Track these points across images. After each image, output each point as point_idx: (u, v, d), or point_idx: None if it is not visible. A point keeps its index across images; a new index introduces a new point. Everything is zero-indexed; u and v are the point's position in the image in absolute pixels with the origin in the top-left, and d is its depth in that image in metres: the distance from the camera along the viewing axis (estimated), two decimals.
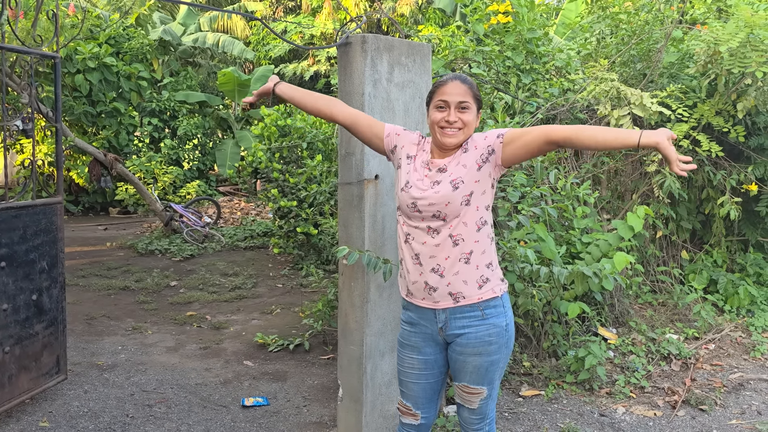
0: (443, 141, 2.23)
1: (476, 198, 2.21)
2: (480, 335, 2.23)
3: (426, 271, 2.23)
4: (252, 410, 3.86)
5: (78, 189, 12.45)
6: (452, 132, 2.21)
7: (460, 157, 2.25)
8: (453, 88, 2.21)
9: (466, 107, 2.22)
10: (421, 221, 2.23)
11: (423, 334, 2.33)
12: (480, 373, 2.27)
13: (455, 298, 2.22)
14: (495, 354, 2.26)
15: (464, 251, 2.20)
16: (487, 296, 2.23)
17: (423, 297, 2.27)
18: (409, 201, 2.24)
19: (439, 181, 2.21)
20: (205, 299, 6.42)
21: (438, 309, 2.25)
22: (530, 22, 5.09)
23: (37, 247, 3.69)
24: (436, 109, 2.24)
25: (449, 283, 2.21)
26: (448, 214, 2.18)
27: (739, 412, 3.84)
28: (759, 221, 5.71)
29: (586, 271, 3.46)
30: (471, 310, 2.23)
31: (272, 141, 7.45)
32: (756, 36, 4.45)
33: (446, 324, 2.26)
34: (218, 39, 15.64)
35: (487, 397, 2.33)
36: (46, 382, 3.84)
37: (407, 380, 2.41)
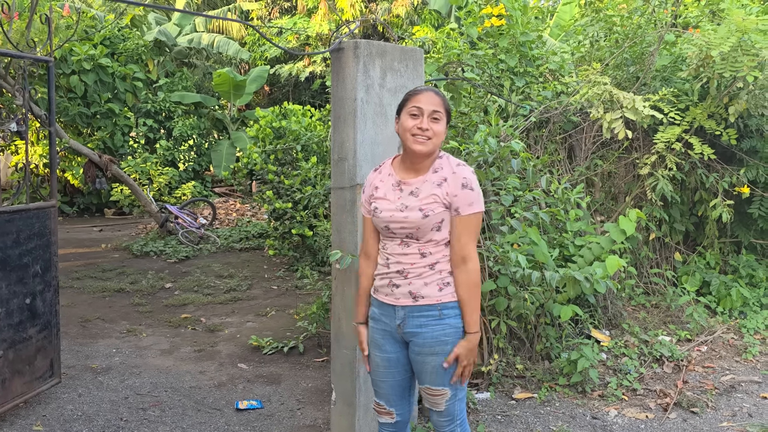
0: (414, 148, 2.28)
1: (446, 224, 2.31)
2: (436, 335, 2.31)
3: (392, 272, 2.35)
4: (246, 413, 3.87)
5: (73, 190, 12.43)
6: (423, 140, 2.27)
7: (430, 178, 2.31)
8: (427, 98, 2.28)
9: (437, 118, 2.29)
10: (395, 238, 2.35)
11: (383, 331, 2.42)
12: (440, 373, 2.33)
13: (414, 297, 2.31)
14: (445, 354, 2.33)
15: (430, 262, 2.32)
16: (446, 299, 2.32)
17: (386, 293, 2.38)
18: (381, 225, 2.36)
19: (408, 206, 2.30)
20: (199, 301, 6.42)
21: (398, 306, 2.35)
22: (524, 26, 5.10)
23: (30, 251, 3.69)
24: (409, 116, 2.29)
25: (411, 284, 2.32)
26: (420, 236, 2.30)
27: (731, 415, 3.87)
28: (751, 223, 5.74)
29: (577, 276, 3.48)
30: (428, 310, 2.31)
31: (267, 143, 7.46)
32: (747, 40, 4.48)
33: (404, 321, 2.34)
34: (213, 40, 15.63)
35: (452, 398, 2.39)
36: (40, 386, 3.84)
37: (377, 378, 2.49)
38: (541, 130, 5.20)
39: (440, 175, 2.31)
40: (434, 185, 2.29)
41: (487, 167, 3.69)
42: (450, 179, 2.29)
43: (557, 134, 5.31)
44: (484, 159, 3.59)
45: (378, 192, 2.40)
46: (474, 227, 2.30)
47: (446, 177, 2.30)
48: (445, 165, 2.33)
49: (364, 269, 2.50)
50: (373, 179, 2.46)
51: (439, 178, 2.30)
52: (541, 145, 5.20)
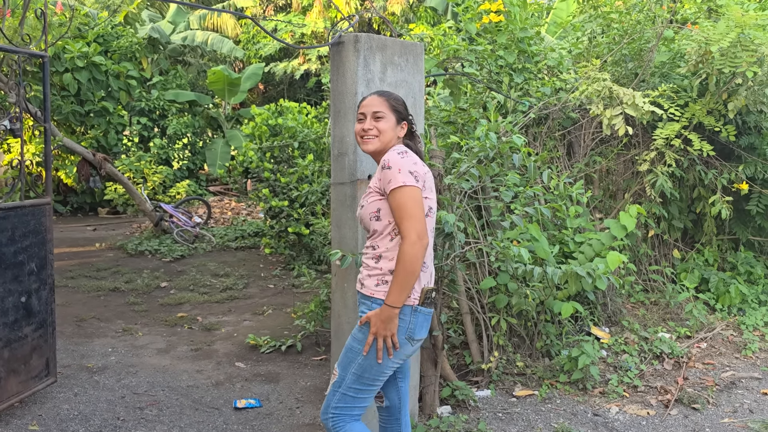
0: (363, 148, 2.45)
1: (385, 214, 2.34)
2: (360, 317, 2.38)
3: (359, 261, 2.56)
4: (244, 412, 3.83)
5: (66, 189, 12.33)
6: (368, 139, 2.42)
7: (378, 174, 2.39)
8: (370, 101, 2.44)
9: (380, 117, 2.41)
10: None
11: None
12: (342, 352, 2.40)
13: (361, 285, 2.42)
14: (357, 342, 2.34)
15: (375, 254, 2.38)
16: (378, 296, 2.33)
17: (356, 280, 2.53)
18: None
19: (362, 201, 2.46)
20: (196, 300, 6.37)
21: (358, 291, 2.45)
22: (522, 21, 5.08)
23: (25, 249, 3.64)
24: (357, 122, 2.47)
25: (361, 272, 2.44)
26: (368, 228, 2.42)
27: (732, 411, 3.86)
28: (749, 220, 5.74)
29: (579, 271, 3.46)
30: (365, 299, 2.38)
31: (263, 140, 7.41)
32: (746, 36, 4.47)
33: (359, 307, 2.44)
34: (208, 37, 15.54)
35: (336, 385, 2.36)
36: (36, 385, 3.79)
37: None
38: (540, 126, 5.18)
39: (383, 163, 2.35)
40: (375, 176, 2.40)
41: (488, 162, 3.67)
42: (379, 166, 2.38)
43: (556, 131, 5.29)
44: (485, 154, 3.56)
45: None
46: (399, 204, 2.25)
47: (384, 165, 2.33)
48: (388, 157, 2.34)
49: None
50: None
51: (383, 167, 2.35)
52: (540, 141, 5.18)
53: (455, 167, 3.69)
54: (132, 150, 12.49)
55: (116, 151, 12.44)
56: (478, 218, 4.31)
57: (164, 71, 14.98)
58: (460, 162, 3.65)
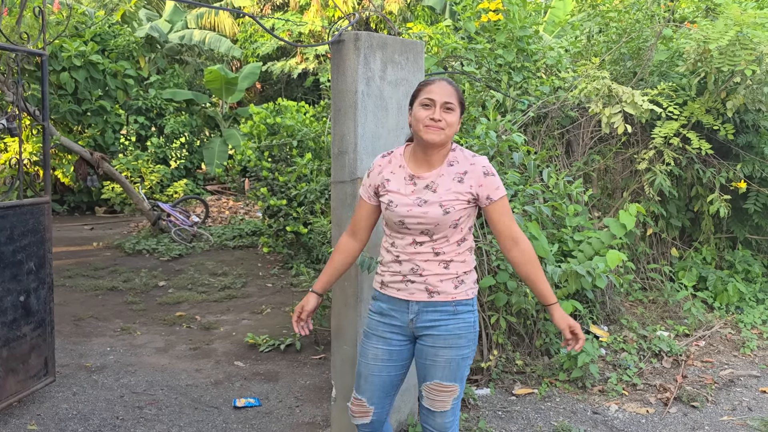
0: (426, 138, 2.23)
1: (463, 222, 2.31)
2: (450, 328, 2.30)
3: (405, 269, 2.31)
4: (244, 411, 3.82)
5: (64, 188, 12.29)
6: (435, 130, 2.22)
7: (447, 172, 2.28)
8: (440, 88, 2.24)
9: (450, 108, 2.24)
10: (407, 235, 2.30)
11: (391, 326, 2.37)
12: (452, 368, 2.31)
13: (430, 293, 2.29)
14: (465, 348, 2.32)
15: (444, 260, 2.30)
16: (461, 297, 2.31)
17: (399, 288, 2.33)
18: (395, 219, 2.29)
19: (426, 200, 2.25)
20: (194, 299, 6.36)
21: (412, 301, 2.31)
22: (521, 20, 5.08)
23: (24, 248, 3.63)
24: (422, 107, 2.25)
25: (426, 280, 2.29)
26: (436, 232, 2.26)
27: (731, 408, 3.87)
28: (747, 219, 5.75)
29: (579, 270, 3.46)
30: (444, 306, 2.30)
31: (261, 139, 7.39)
32: (745, 34, 4.48)
33: (417, 316, 2.31)
34: (205, 36, 15.51)
35: (458, 396, 2.38)
36: (34, 385, 3.78)
37: (367, 372, 2.42)
38: (539, 125, 5.19)
39: (457, 169, 2.28)
40: (453, 180, 2.27)
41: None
42: (470, 172, 2.28)
43: (555, 129, 5.29)
44: (484, 152, 3.56)
45: (390, 185, 2.33)
46: (508, 208, 2.32)
47: (465, 170, 2.28)
48: (461, 158, 2.31)
49: (344, 246, 2.48)
50: (384, 168, 2.39)
51: (456, 173, 2.28)
52: (539, 140, 5.18)
53: None
54: (129, 149, 12.46)
55: (113, 150, 12.41)
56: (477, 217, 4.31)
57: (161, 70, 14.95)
58: None
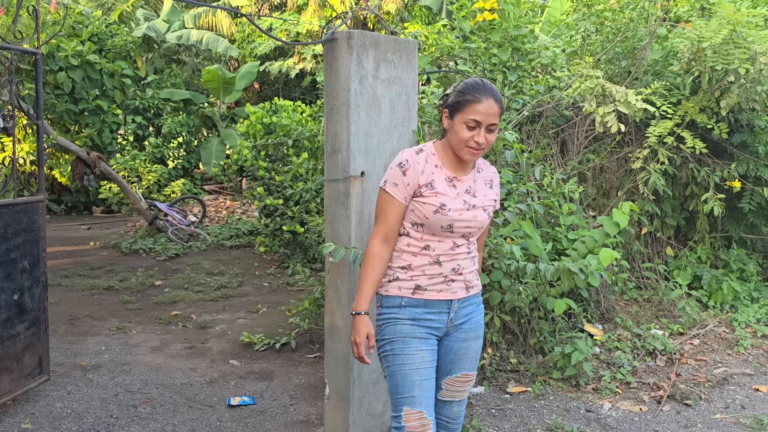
0: (466, 158, 2.22)
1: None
2: (478, 319, 2.41)
3: (446, 270, 2.28)
4: (238, 410, 3.83)
5: (61, 188, 12.29)
6: (477, 152, 2.20)
7: (477, 177, 2.35)
8: (488, 108, 2.14)
9: (493, 129, 2.18)
10: (448, 239, 2.26)
11: (429, 328, 2.28)
12: (477, 357, 2.43)
13: (468, 288, 2.35)
14: (482, 337, 2.47)
15: (472, 254, 2.39)
16: (479, 287, 2.44)
17: (440, 290, 2.28)
18: (446, 223, 2.20)
19: (474, 205, 2.28)
20: (190, 298, 6.36)
21: (454, 299, 2.31)
22: (516, 20, 5.09)
23: (18, 247, 3.63)
24: (466, 128, 2.15)
25: (464, 277, 2.33)
26: (475, 234, 2.34)
27: (724, 407, 3.88)
28: (742, 218, 5.77)
29: (572, 268, 3.47)
30: (475, 297, 2.40)
31: (257, 138, 7.40)
32: (739, 33, 4.49)
33: (456, 314, 2.33)
34: (203, 36, 15.50)
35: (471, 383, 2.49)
36: (29, 383, 3.78)
37: (421, 378, 2.22)
38: (534, 124, 5.19)
39: (485, 176, 2.37)
40: (485, 186, 2.35)
41: None
42: (494, 180, 2.40)
43: (550, 129, 5.30)
44: None
45: (438, 186, 2.21)
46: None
47: (491, 178, 2.39)
48: (482, 165, 2.40)
49: (382, 254, 2.25)
50: (424, 167, 2.22)
51: (485, 179, 2.37)
52: (534, 139, 5.19)
53: None
54: (127, 149, 12.46)
55: (111, 150, 12.40)
56: None
57: (159, 70, 14.95)
58: None
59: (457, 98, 2.19)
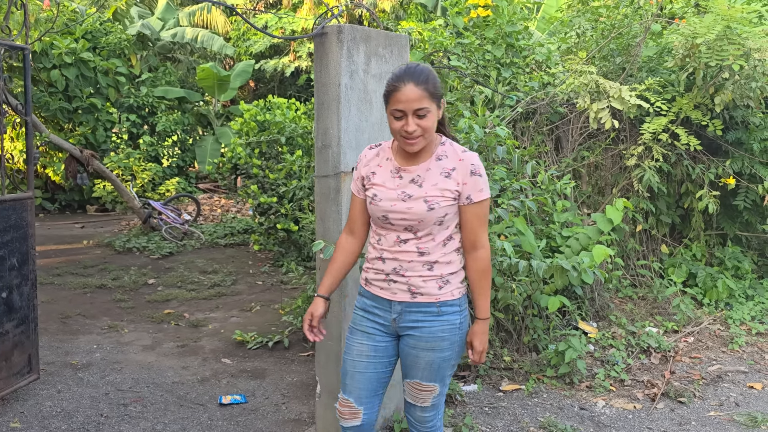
0: (407, 149, 2.15)
1: (450, 220, 2.20)
2: (433, 330, 2.21)
3: (388, 269, 2.23)
4: (229, 408, 3.80)
5: (54, 186, 12.22)
6: (413, 141, 2.11)
7: (434, 166, 2.17)
8: (408, 95, 2.06)
9: (424, 114, 2.07)
10: (391, 231, 2.21)
11: (375, 323, 2.30)
12: (432, 369, 2.25)
13: (413, 294, 2.21)
14: (447, 350, 2.23)
15: (429, 260, 2.20)
16: (445, 297, 2.21)
17: (382, 287, 2.26)
18: (379, 213, 2.20)
19: (411, 195, 2.15)
20: (183, 297, 6.32)
21: (395, 300, 2.24)
22: (510, 16, 5.07)
23: (6, 244, 3.59)
24: (394, 119, 2.12)
25: (409, 280, 2.21)
26: (420, 229, 2.16)
27: (718, 404, 3.86)
28: (736, 215, 5.75)
29: (564, 265, 3.45)
30: (427, 307, 2.21)
31: (251, 136, 7.37)
32: (733, 30, 4.48)
33: (400, 316, 2.24)
34: (197, 34, 15.44)
35: (440, 394, 2.34)
36: (18, 382, 3.74)
37: (354, 370, 2.32)
38: (528, 121, 5.17)
39: (445, 164, 2.16)
40: (440, 176, 2.15)
41: None
42: (458, 168, 2.15)
43: (544, 125, 5.28)
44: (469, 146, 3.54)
45: (376, 178, 2.23)
46: (484, 213, 2.20)
47: (454, 167, 2.16)
48: (450, 153, 2.19)
49: (345, 245, 2.37)
50: (371, 160, 2.28)
51: (443, 168, 2.16)
52: (528, 136, 5.17)
53: None
54: (121, 147, 12.40)
55: (105, 149, 12.34)
56: None
57: (153, 68, 14.88)
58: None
59: (384, 90, 2.16)
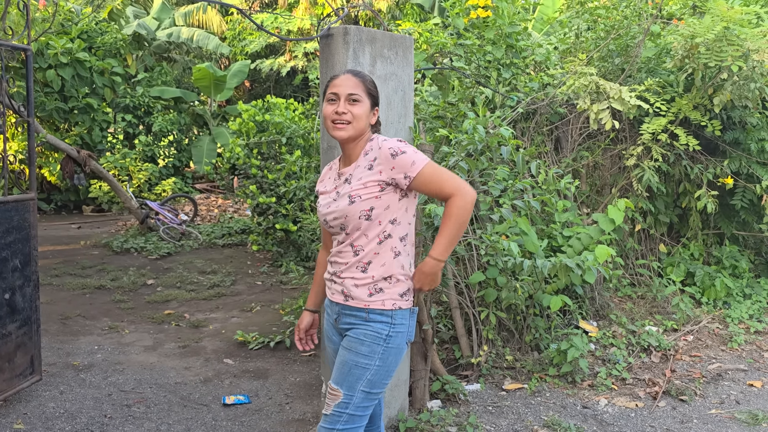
0: (334, 134, 2.19)
1: (378, 213, 2.16)
2: (358, 332, 2.19)
3: (331, 271, 2.30)
4: (233, 408, 3.80)
5: (50, 187, 12.18)
6: (342, 125, 2.17)
7: (362, 163, 2.20)
8: (344, 81, 2.19)
9: (356, 100, 2.17)
10: (335, 235, 2.27)
11: (330, 324, 2.37)
12: (342, 370, 2.18)
13: (345, 297, 2.24)
14: (363, 357, 2.16)
15: (362, 261, 2.19)
16: (375, 306, 2.18)
17: (329, 287, 2.34)
18: (321, 219, 2.28)
19: (340, 193, 2.21)
20: (183, 297, 6.32)
21: (333, 302, 2.30)
22: (510, 17, 5.08)
23: (9, 245, 3.58)
24: (327, 103, 2.21)
25: (343, 283, 2.24)
26: (348, 225, 2.18)
27: (719, 402, 3.89)
28: (734, 215, 5.79)
29: (569, 263, 3.47)
30: (357, 311, 2.21)
31: (250, 136, 7.36)
32: (731, 30, 4.51)
33: (339, 317, 2.28)
34: (193, 34, 15.41)
35: (343, 406, 2.16)
36: (20, 383, 3.74)
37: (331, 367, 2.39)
38: (528, 121, 5.19)
39: (370, 157, 2.18)
40: (365, 169, 2.17)
41: (477, 156, 3.66)
42: (379, 157, 2.15)
43: (544, 126, 5.30)
44: (473, 148, 3.56)
45: (322, 187, 2.35)
46: (432, 176, 2.13)
47: (375, 156, 2.16)
48: (374, 146, 2.19)
49: (321, 260, 2.49)
50: (325, 174, 2.39)
51: (369, 161, 2.17)
52: (528, 136, 5.19)
53: (444, 161, 3.68)
54: (117, 147, 12.36)
55: (101, 149, 12.31)
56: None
57: (149, 68, 14.84)
58: (450, 156, 3.64)
59: (323, 88, 2.26)
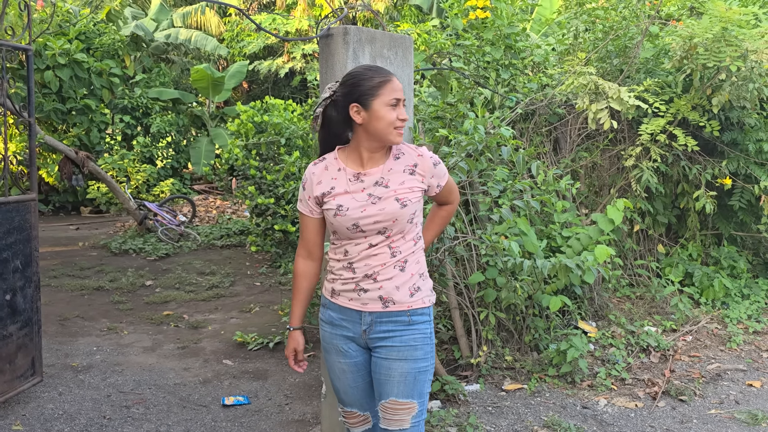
0: (394, 141, 2.11)
1: (417, 216, 2.18)
2: (405, 339, 2.14)
3: (359, 276, 2.15)
4: (233, 409, 3.80)
5: (48, 188, 12.16)
6: (402, 131, 2.12)
7: (395, 166, 2.15)
8: (399, 84, 2.11)
9: (406, 105, 2.23)
10: (361, 239, 2.14)
11: (345, 337, 2.21)
12: (408, 383, 2.13)
13: (385, 303, 2.13)
14: (421, 361, 2.15)
15: (400, 260, 2.14)
16: (417, 305, 2.15)
17: (351, 298, 2.17)
18: (348, 223, 2.11)
19: (380, 197, 2.10)
20: (181, 298, 6.32)
21: (365, 311, 2.15)
22: (509, 17, 5.09)
23: (10, 246, 3.58)
24: (389, 108, 2.08)
25: (381, 287, 2.13)
26: (393, 229, 2.11)
27: (718, 402, 3.90)
28: (732, 215, 5.81)
29: (568, 263, 3.48)
30: (398, 316, 2.14)
31: (249, 137, 7.36)
32: (729, 31, 4.52)
33: (371, 327, 2.15)
34: (191, 35, 15.41)
35: (419, 414, 2.16)
36: (21, 385, 3.73)
37: (344, 386, 2.28)
38: (527, 122, 5.20)
39: (406, 162, 2.15)
40: (404, 173, 2.13)
41: (477, 156, 3.67)
42: (420, 164, 2.15)
43: (542, 126, 5.31)
44: (473, 148, 3.57)
45: (336, 189, 2.15)
46: (450, 184, 2.31)
47: (415, 162, 2.15)
48: (405, 150, 2.18)
49: (305, 270, 2.29)
50: (321, 175, 2.19)
51: (406, 165, 2.14)
52: (527, 137, 5.20)
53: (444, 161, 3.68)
54: (115, 148, 12.35)
55: (99, 150, 12.30)
56: (466, 213, 4.32)
57: (147, 69, 14.83)
58: (449, 156, 3.65)
59: (367, 85, 2.09)
